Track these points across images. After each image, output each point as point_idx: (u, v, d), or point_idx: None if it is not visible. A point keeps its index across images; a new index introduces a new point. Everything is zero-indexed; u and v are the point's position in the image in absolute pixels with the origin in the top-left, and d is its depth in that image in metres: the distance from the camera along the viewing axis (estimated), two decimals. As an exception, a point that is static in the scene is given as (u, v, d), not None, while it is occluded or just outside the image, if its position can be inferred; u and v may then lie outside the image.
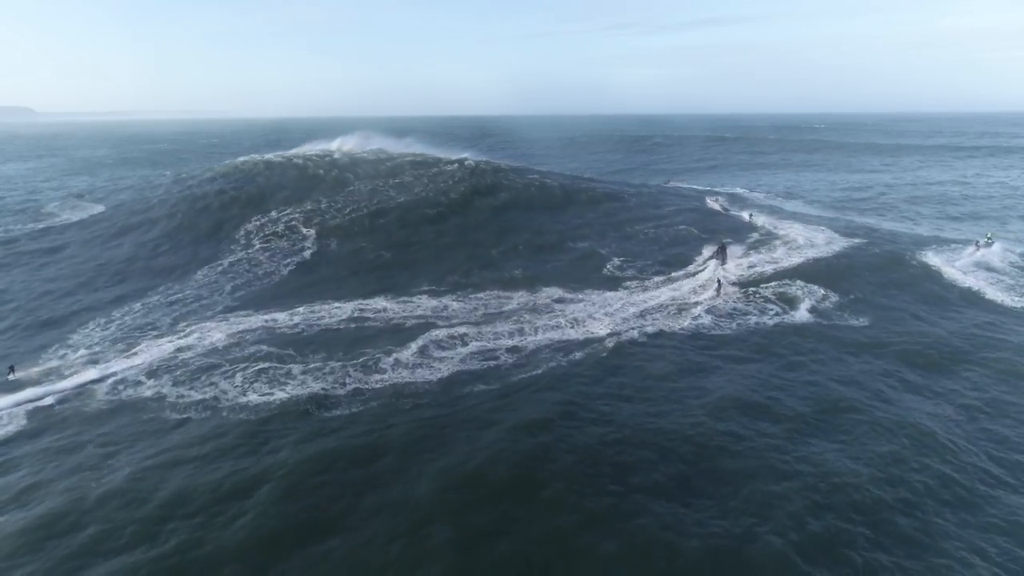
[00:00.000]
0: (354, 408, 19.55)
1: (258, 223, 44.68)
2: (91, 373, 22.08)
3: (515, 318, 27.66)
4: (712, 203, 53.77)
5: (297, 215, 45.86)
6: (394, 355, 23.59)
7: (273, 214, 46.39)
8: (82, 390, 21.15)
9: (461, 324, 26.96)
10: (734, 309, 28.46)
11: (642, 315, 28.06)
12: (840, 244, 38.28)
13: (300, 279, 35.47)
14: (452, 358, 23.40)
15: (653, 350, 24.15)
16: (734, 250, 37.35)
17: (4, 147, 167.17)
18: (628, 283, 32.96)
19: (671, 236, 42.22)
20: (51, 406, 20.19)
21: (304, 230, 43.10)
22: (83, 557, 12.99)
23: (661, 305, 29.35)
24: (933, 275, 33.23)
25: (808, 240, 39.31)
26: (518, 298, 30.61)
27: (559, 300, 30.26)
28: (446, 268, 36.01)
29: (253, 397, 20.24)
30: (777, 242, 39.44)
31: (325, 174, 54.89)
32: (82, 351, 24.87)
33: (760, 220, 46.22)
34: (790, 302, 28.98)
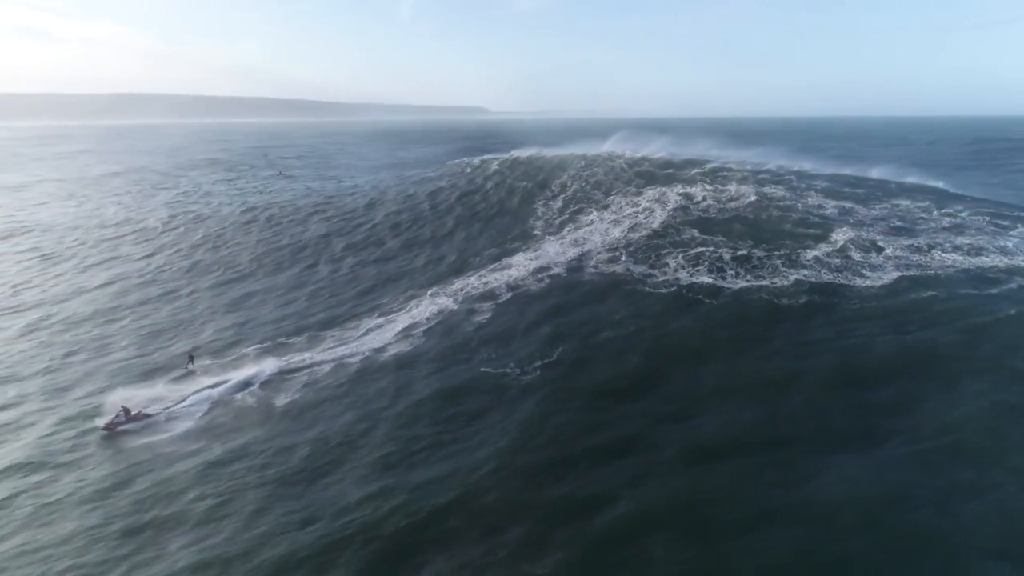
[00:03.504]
0: (801, 300, 20.81)
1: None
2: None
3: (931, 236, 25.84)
4: None
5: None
6: (812, 252, 24.22)
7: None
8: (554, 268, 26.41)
9: (872, 230, 26.41)
10: None
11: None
12: None
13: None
14: (881, 265, 22.98)
15: None
16: None
17: (459, 132, 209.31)
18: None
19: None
20: (531, 274, 25.86)
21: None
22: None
23: None
24: None
25: None
26: (931, 217, 28.60)
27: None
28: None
29: (704, 279, 23.02)
30: None
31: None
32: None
33: None
34: None
